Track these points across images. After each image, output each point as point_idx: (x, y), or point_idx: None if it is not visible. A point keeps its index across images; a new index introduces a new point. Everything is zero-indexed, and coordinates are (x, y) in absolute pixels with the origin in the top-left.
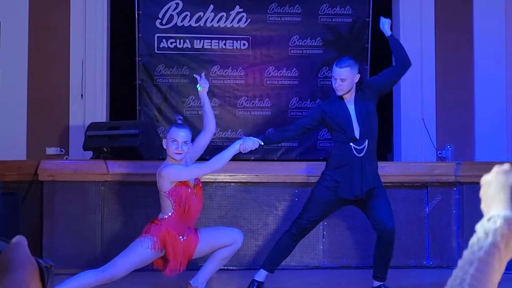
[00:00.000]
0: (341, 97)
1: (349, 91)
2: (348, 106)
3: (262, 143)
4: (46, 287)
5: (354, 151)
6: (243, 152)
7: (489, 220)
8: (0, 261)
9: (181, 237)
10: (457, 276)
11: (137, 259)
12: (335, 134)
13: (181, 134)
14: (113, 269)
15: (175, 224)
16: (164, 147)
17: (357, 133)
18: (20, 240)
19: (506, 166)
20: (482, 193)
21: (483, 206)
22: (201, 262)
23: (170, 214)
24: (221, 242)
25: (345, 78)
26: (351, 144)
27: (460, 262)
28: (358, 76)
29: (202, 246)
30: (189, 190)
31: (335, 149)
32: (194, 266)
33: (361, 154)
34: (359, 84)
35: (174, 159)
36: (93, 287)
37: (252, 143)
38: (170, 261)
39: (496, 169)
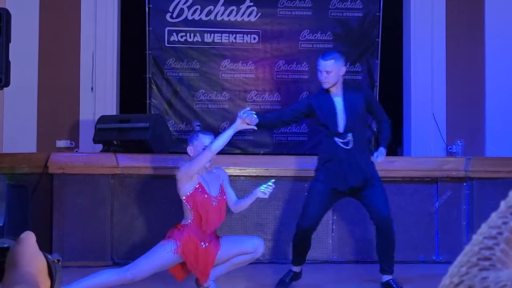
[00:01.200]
0: (327, 91)
1: (335, 84)
2: (334, 99)
3: (256, 123)
4: (54, 282)
5: (341, 145)
6: (249, 123)
7: None
8: (9, 257)
9: (202, 243)
10: (495, 224)
11: (159, 262)
12: (320, 128)
13: (209, 140)
14: (135, 270)
15: (196, 230)
16: (190, 154)
17: (341, 127)
18: (28, 235)
19: None
20: None
21: None
22: None
23: (190, 220)
24: (242, 249)
25: (330, 71)
26: (335, 138)
27: (503, 206)
28: (344, 69)
29: (222, 252)
30: (206, 196)
31: (323, 143)
32: None
33: (349, 147)
34: (351, 82)
35: (205, 166)
36: (111, 287)
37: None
38: (191, 269)
39: None
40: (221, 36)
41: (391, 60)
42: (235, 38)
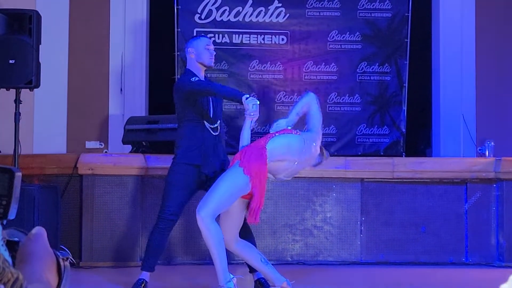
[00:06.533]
0: (195, 74)
1: None
2: None
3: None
4: (62, 279)
5: (210, 130)
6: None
7: None
8: (20, 252)
9: None
10: None
11: None
12: (190, 113)
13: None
14: None
15: None
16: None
17: (211, 113)
18: (40, 231)
19: None
20: None
21: None
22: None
23: None
24: None
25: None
26: (205, 122)
27: None
28: None
29: None
30: None
31: (188, 129)
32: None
33: (216, 133)
34: None
35: None
36: None
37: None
38: None
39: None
40: (249, 37)
41: (420, 60)
42: (263, 39)
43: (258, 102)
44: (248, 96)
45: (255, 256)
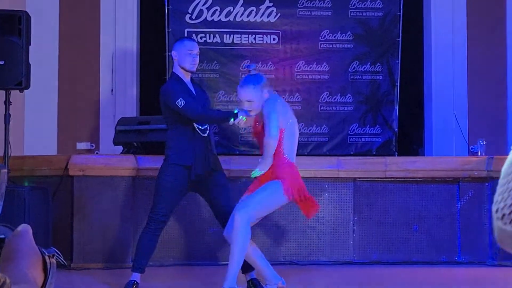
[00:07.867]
0: (180, 78)
1: None
2: (190, 87)
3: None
4: (48, 276)
5: (198, 131)
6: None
7: None
8: (5, 249)
9: None
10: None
11: None
12: (179, 115)
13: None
14: None
15: None
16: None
17: None
18: (25, 228)
19: None
20: None
21: None
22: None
23: None
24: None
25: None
26: (194, 124)
27: (502, 181)
28: None
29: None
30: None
31: (178, 130)
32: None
33: (205, 134)
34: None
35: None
36: None
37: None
38: None
39: None
40: (240, 37)
41: (412, 59)
42: (254, 39)
43: (242, 117)
44: (232, 119)
45: (258, 253)
